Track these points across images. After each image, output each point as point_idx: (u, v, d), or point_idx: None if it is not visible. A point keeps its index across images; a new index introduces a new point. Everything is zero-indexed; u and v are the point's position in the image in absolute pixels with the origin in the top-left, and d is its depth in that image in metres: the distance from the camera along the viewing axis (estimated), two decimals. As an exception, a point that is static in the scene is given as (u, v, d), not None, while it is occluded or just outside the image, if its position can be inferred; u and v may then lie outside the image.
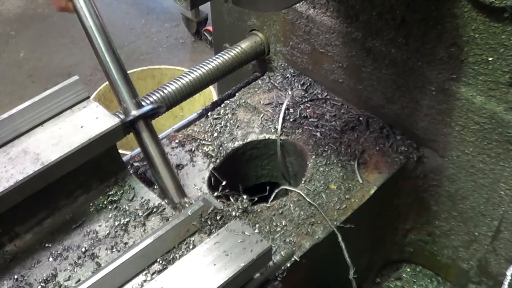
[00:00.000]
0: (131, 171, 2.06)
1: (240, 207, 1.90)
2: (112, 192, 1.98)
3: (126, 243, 1.85)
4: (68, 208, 1.92)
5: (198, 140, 2.25)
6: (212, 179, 2.13)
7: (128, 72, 3.64)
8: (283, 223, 1.96)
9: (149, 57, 5.28)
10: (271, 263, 1.75)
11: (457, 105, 1.97)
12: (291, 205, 2.02)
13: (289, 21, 2.39)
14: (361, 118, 2.33)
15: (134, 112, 1.90)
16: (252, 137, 2.29)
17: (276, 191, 2.11)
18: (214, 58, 2.37)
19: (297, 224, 1.96)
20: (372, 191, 2.08)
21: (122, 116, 1.95)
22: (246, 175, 2.42)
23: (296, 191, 2.07)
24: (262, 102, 2.41)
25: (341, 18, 2.17)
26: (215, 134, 2.28)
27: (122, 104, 1.92)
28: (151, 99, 2.13)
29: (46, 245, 1.84)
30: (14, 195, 1.70)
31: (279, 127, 2.30)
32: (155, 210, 1.93)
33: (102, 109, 1.91)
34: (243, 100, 2.43)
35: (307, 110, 2.36)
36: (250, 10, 2.55)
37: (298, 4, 2.29)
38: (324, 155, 2.19)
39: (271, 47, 2.60)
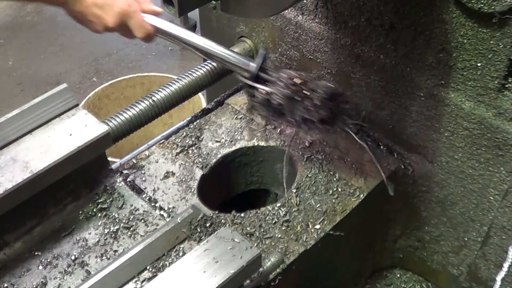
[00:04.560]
0: (120, 179, 2.05)
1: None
2: (101, 200, 1.97)
3: (115, 251, 1.84)
4: (58, 216, 1.92)
5: (187, 148, 2.25)
6: (202, 186, 2.13)
7: (117, 79, 3.63)
8: (273, 230, 1.96)
9: (138, 65, 5.26)
10: (261, 269, 1.75)
11: (446, 110, 1.98)
12: (281, 212, 2.02)
13: (278, 28, 2.40)
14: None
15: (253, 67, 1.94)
16: (241, 144, 2.29)
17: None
18: (203, 65, 2.37)
19: (287, 231, 1.96)
20: (362, 197, 2.08)
21: (112, 124, 1.95)
22: (235, 182, 2.42)
23: (286, 197, 2.07)
24: (251, 109, 2.41)
25: (329, 25, 2.17)
26: (204, 142, 2.28)
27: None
28: (140, 106, 2.13)
29: (36, 253, 1.84)
30: (3, 203, 1.69)
31: (269, 134, 2.30)
32: (144, 217, 1.93)
33: (91, 117, 1.91)
34: (232, 107, 2.43)
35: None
36: (238, 17, 2.55)
37: (286, 11, 2.29)
38: (314, 161, 2.19)
39: (260, 54, 2.60)
